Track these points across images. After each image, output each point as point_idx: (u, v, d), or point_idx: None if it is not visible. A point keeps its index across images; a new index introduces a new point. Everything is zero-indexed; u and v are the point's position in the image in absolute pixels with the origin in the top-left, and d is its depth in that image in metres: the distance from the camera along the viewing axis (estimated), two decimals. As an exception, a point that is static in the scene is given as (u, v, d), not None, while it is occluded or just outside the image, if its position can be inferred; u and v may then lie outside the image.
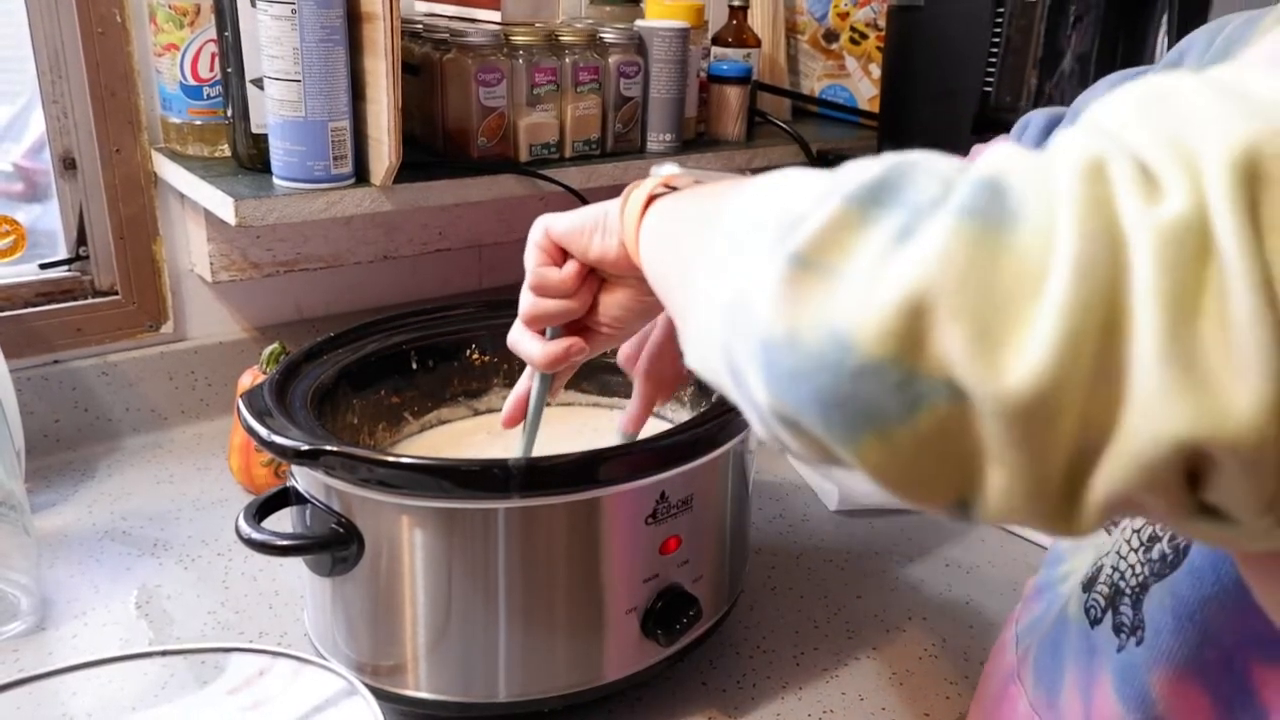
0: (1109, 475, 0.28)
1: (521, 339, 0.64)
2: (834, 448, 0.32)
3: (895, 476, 0.31)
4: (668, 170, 0.55)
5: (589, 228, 0.59)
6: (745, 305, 0.34)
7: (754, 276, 0.33)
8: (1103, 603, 0.52)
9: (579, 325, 0.64)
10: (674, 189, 0.54)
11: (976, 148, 0.86)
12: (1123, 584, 0.51)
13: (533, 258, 0.62)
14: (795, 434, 0.33)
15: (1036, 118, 0.77)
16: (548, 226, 0.61)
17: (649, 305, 0.63)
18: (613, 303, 0.63)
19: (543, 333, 0.64)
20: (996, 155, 0.32)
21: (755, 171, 1.30)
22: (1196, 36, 0.60)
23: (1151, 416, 0.26)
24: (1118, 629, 0.51)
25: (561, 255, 0.62)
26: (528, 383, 0.69)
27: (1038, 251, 0.28)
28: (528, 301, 0.63)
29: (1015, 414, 0.28)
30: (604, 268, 0.61)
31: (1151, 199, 0.28)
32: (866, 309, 0.29)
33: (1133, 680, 0.48)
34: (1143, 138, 0.29)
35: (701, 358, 0.40)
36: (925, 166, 0.33)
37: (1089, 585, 0.54)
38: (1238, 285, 0.26)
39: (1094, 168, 0.29)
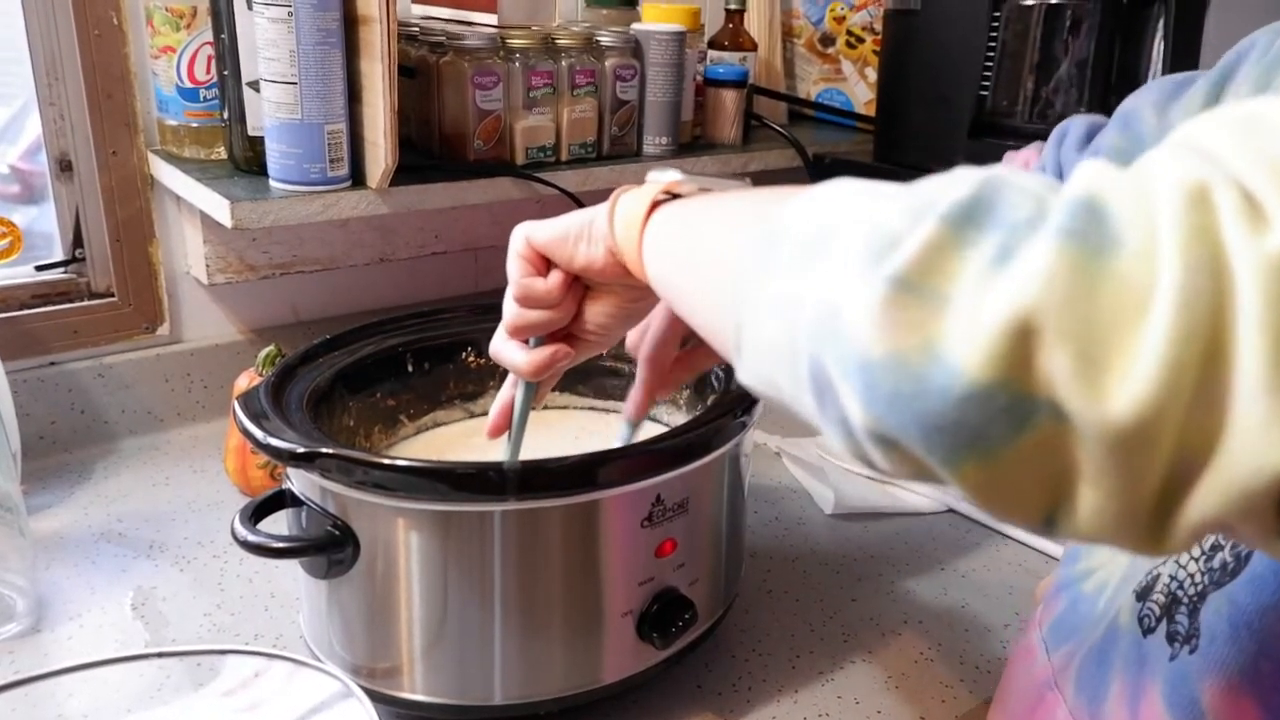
0: (1204, 501, 0.28)
1: (505, 348, 0.64)
2: (933, 468, 0.32)
3: (992, 495, 0.31)
4: (670, 176, 0.54)
5: (573, 236, 0.58)
6: (837, 322, 0.33)
7: (848, 294, 0.33)
8: (1158, 611, 0.52)
9: (563, 332, 0.63)
10: (676, 195, 0.53)
11: (1009, 155, 0.86)
12: (1180, 593, 0.50)
13: (516, 268, 0.61)
14: (890, 452, 0.33)
15: (1076, 124, 0.76)
16: (529, 235, 0.61)
17: (634, 311, 0.63)
18: (598, 310, 0.62)
19: (526, 341, 0.63)
20: (1089, 174, 0.32)
21: (753, 176, 1.30)
22: (1256, 38, 0.59)
23: (1253, 447, 0.27)
24: (1171, 638, 0.50)
25: (545, 264, 0.61)
26: (511, 391, 0.69)
27: (1140, 277, 0.28)
28: (512, 312, 0.62)
29: (1116, 440, 0.28)
30: (589, 276, 0.60)
31: (1257, 228, 0.27)
32: (973, 334, 0.29)
33: (1183, 689, 0.48)
34: (1243, 163, 0.29)
35: (758, 371, 0.39)
36: (1015, 184, 0.32)
37: (1144, 594, 0.53)
38: None
39: (1198, 194, 0.29)
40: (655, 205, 0.53)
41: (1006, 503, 0.31)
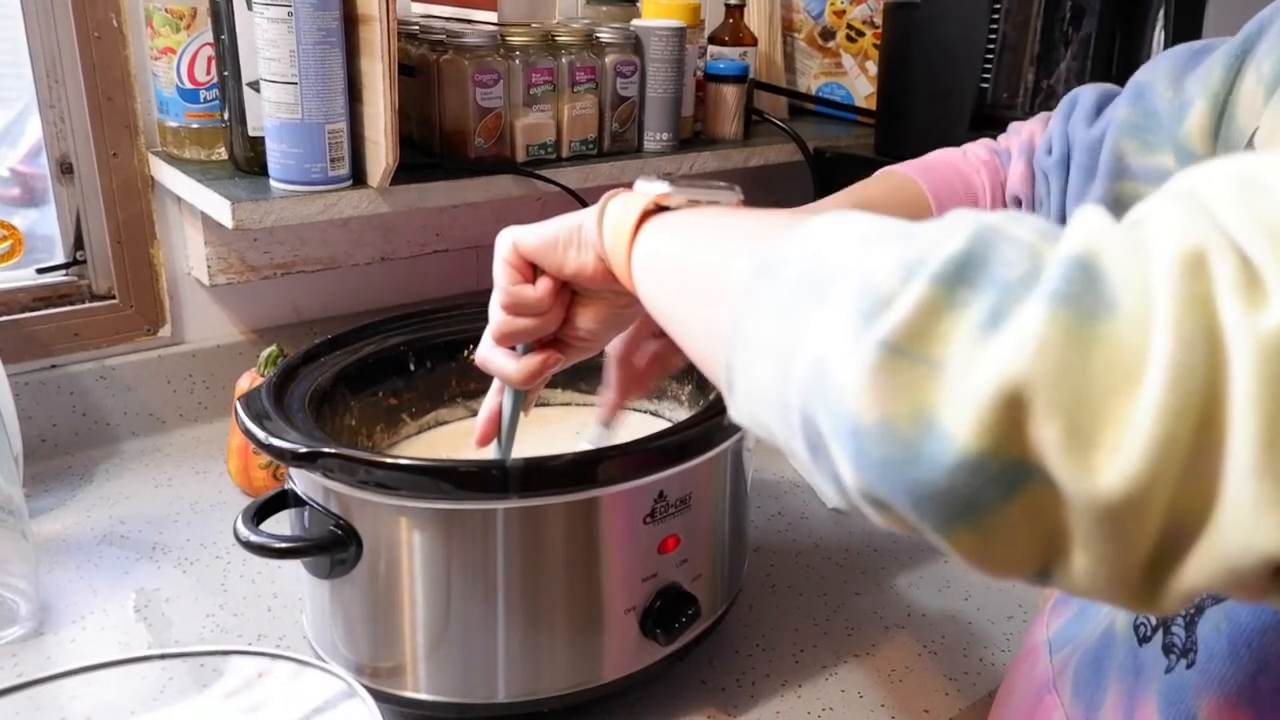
0: (1195, 571, 0.28)
1: (493, 355, 0.63)
2: (925, 532, 0.31)
3: (984, 557, 0.31)
4: (657, 189, 0.52)
5: (562, 242, 0.57)
6: (828, 382, 0.32)
7: (839, 354, 0.32)
8: (1154, 620, 0.51)
9: (551, 337, 0.62)
10: (666, 208, 0.52)
11: (1015, 125, 0.84)
12: None
13: (503, 275, 0.60)
14: (883, 512, 0.33)
15: (1085, 95, 0.74)
16: (516, 241, 0.59)
17: (623, 317, 0.62)
18: (587, 316, 0.61)
19: (513, 347, 0.63)
20: (1087, 228, 0.31)
21: (754, 171, 1.30)
22: (1278, 8, 0.58)
23: (1243, 527, 0.26)
24: (1168, 649, 0.50)
25: (532, 271, 0.59)
26: (497, 399, 0.68)
27: (1133, 345, 0.27)
28: (499, 320, 0.61)
29: (1104, 512, 0.28)
30: (579, 283, 0.59)
31: (1254, 302, 0.27)
32: (964, 402, 0.29)
33: (1179, 703, 0.47)
34: (1245, 226, 0.28)
35: (751, 413, 0.39)
36: (1009, 235, 0.31)
37: None
38: None
39: (1195, 259, 0.28)
40: (645, 216, 0.52)
41: (999, 563, 0.31)
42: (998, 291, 0.30)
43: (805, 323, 0.34)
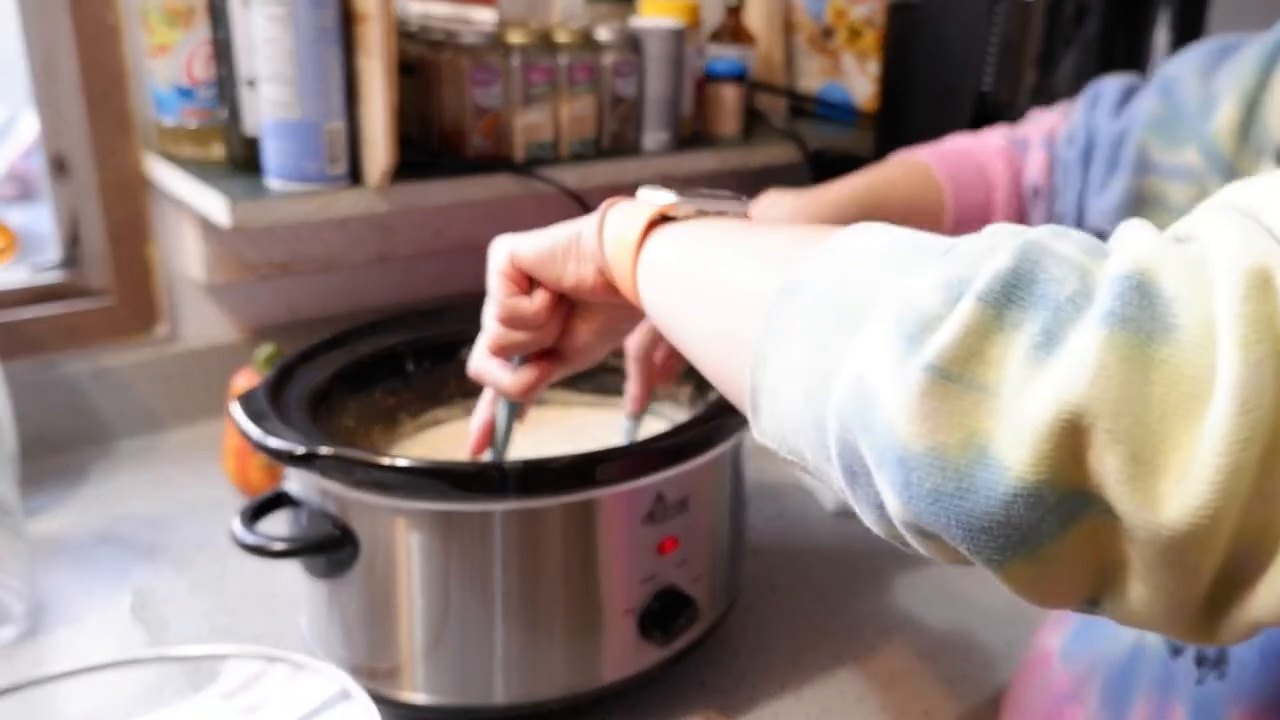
0: (1260, 603, 0.27)
1: (487, 367, 0.62)
2: (976, 562, 0.31)
3: (1037, 588, 0.30)
4: (664, 199, 0.50)
5: (560, 253, 0.55)
6: (872, 409, 0.31)
7: (882, 379, 0.31)
8: None
9: (547, 348, 0.62)
10: (672, 218, 0.50)
11: (1035, 114, 0.84)
12: None
13: (498, 287, 0.58)
14: (929, 542, 0.32)
15: (1110, 87, 0.73)
16: (513, 252, 0.57)
17: (621, 331, 0.61)
18: (584, 329, 0.60)
19: (508, 358, 0.62)
20: (1137, 244, 0.30)
21: (754, 173, 1.30)
22: None
23: None
24: (1200, 661, 0.49)
25: (529, 282, 0.58)
26: (490, 410, 0.67)
27: (1196, 370, 0.26)
28: (494, 332, 0.60)
29: (1168, 544, 0.27)
30: (578, 295, 0.57)
31: None
32: (1019, 431, 0.28)
33: (1209, 715, 0.47)
34: None
35: (778, 437, 0.38)
36: (1056, 251, 0.30)
37: None
38: None
39: (1259, 278, 0.26)
40: (651, 226, 0.50)
41: (1050, 594, 0.30)
42: (1049, 312, 0.28)
43: (841, 345, 0.33)
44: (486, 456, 0.68)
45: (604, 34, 1.11)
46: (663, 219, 0.50)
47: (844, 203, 0.75)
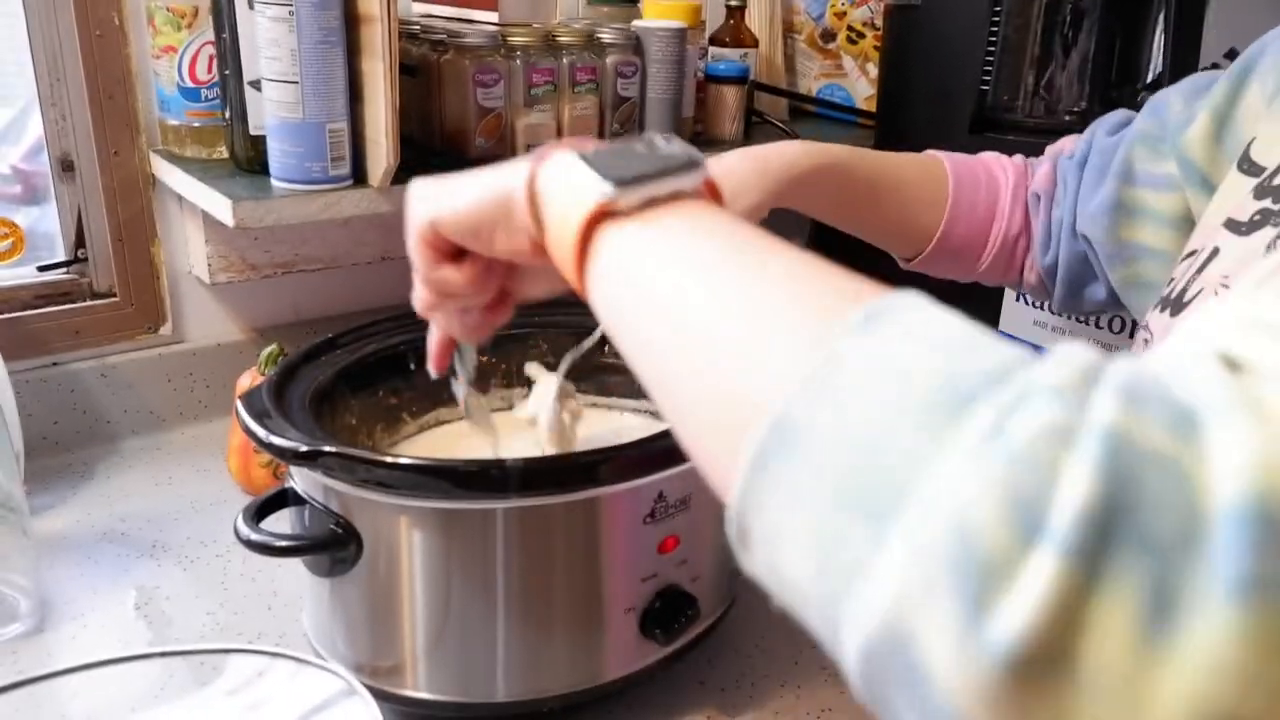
0: None
1: (431, 314, 0.57)
2: None
3: None
4: (603, 192, 0.40)
5: (488, 223, 0.48)
6: (918, 676, 0.24)
7: (936, 650, 0.23)
8: None
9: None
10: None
11: (1065, 142, 0.86)
12: None
13: (419, 257, 0.51)
14: None
15: (1116, 114, 0.77)
16: (434, 221, 0.49)
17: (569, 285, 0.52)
18: (529, 284, 0.54)
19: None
20: (1247, 432, 0.22)
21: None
22: (1277, 32, 0.59)
23: None
24: None
25: (455, 250, 0.51)
26: (440, 332, 0.61)
27: None
28: (424, 298, 0.54)
29: None
30: (518, 261, 0.50)
31: None
32: None
33: None
34: None
35: (778, 589, 0.30)
36: (1154, 455, 0.22)
37: None
38: None
39: None
40: (594, 222, 0.40)
41: None
42: (1156, 562, 0.21)
43: (863, 538, 0.25)
44: (458, 379, 0.67)
45: (606, 35, 1.12)
46: (609, 213, 0.40)
47: (824, 162, 0.74)
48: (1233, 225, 0.54)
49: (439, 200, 0.50)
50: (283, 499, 0.70)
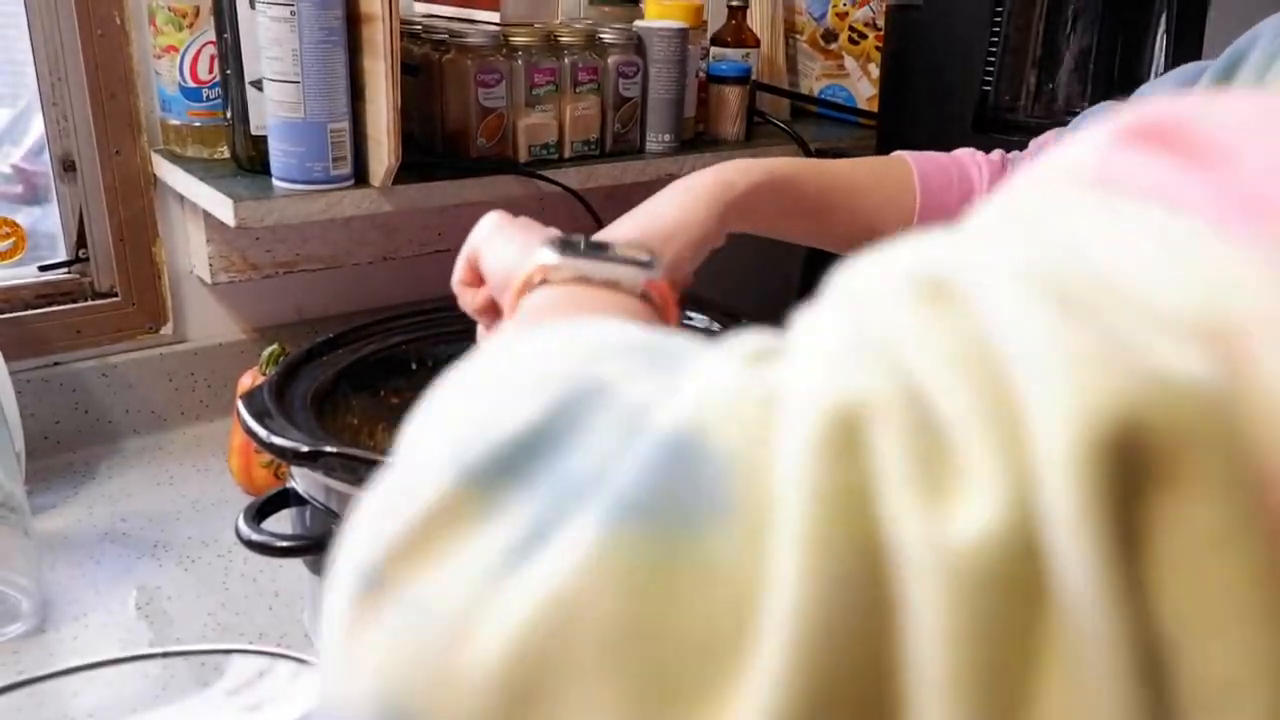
0: None
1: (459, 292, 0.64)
2: None
3: None
4: (543, 258, 0.43)
5: (500, 283, 0.55)
6: (329, 602, 0.22)
7: (339, 569, 0.22)
8: None
9: None
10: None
11: (1050, 135, 0.86)
12: None
13: (459, 265, 0.61)
14: None
15: (1105, 104, 0.76)
16: (479, 253, 0.58)
17: None
18: None
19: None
20: (710, 377, 0.21)
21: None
22: (1263, 26, 0.57)
23: None
24: None
25: (481, 280, 0.60)
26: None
27: (740, 582, 0.18)
28: (455, 290, 0.63)
29: None
30: None
31: (940, 495, 0.17)
32: (449, 685, 0.19)
33: None
34: (932, 365, 0.18)
35: None
36: (620, 394, 0.22)
37: None
38: (1097, 656, 0.16)
39: (843, 429, 0.18)
40: (530, 284, 0.43)
41: None
42: (557, 494, 0.20)
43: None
44: None
45: (608, 35, 1.12)
46: (542, 280, 0.43)
47: (762, 180, 0.72)
48: None
49: (491, 240, 0.57)
50: (284, 499, 0.70)
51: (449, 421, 0.25)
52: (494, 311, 0.60)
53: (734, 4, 1.31)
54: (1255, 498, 0.16)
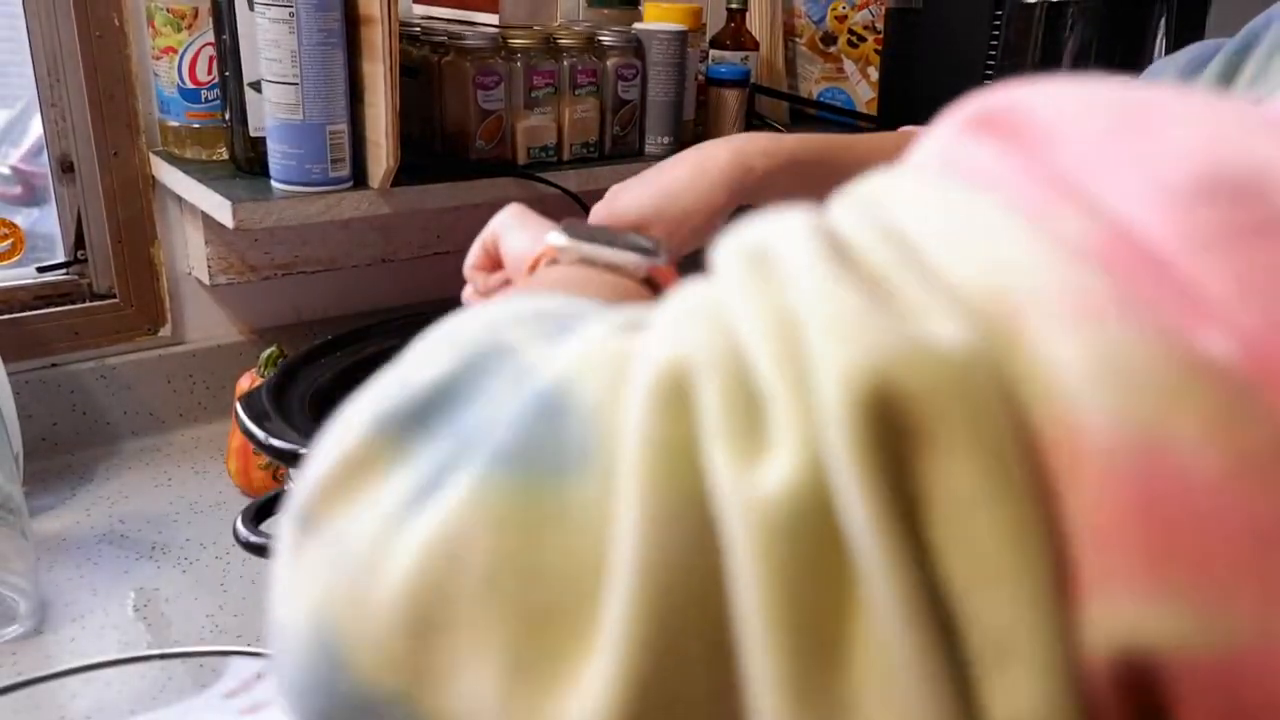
0: None
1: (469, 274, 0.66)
2: None
3: None
4: (553, 240, 0.45)
5: (516, 266, 0.57)
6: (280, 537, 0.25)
7: (284, 520, 0.25)
8: None
9: None
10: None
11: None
12: None
13: (474, 251, 0.62)
14: None
15: None
16: (500, 236, 0.59)
17: None
18: None
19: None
20: (586, 336, 0.23)
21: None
22: (1274, 12, 0.57)
23: None
24: None
25: (493, 265, 0.61)
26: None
27: (596, 523, 0.19)
28: (466, 273, 0.64)
29: None
30: None
31: (752, 448, 0.18)
32: (361, 612, 0.21)
33: None
34: (753, 324, 0.20)
35: None
36: (517, 355, 0.23)
37: None
38: (887, 607, 0.17)
39: (673, 383, 0.19)
40: (539, 261, 0.46)
41: None
42: (455, 444, 0.22)
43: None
44: None
45: (607, 38, 1.12)
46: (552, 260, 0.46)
47: (785, 162, 0.74)
48: None
49: (512, 226, 0.57)
50: (282, 501, 0.70)
51: (381, 380, 0.27)
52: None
53: (733, 7, 1.32)
54: (1015, 460, 0.17)
